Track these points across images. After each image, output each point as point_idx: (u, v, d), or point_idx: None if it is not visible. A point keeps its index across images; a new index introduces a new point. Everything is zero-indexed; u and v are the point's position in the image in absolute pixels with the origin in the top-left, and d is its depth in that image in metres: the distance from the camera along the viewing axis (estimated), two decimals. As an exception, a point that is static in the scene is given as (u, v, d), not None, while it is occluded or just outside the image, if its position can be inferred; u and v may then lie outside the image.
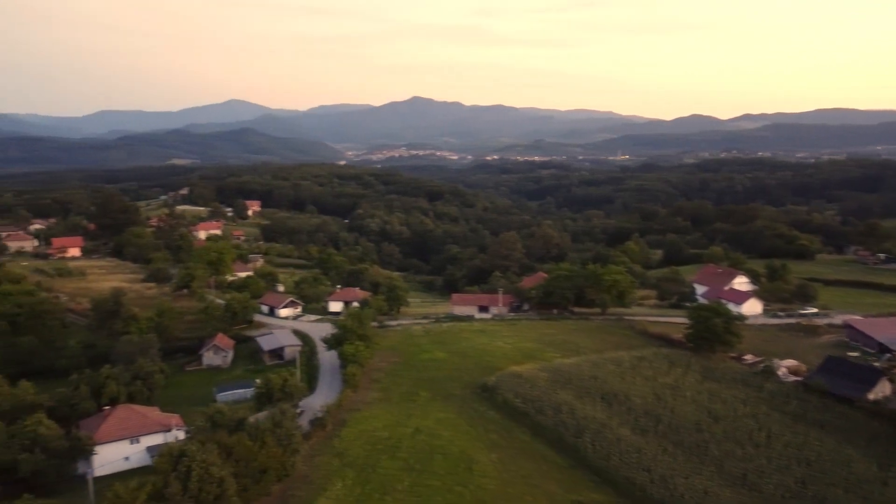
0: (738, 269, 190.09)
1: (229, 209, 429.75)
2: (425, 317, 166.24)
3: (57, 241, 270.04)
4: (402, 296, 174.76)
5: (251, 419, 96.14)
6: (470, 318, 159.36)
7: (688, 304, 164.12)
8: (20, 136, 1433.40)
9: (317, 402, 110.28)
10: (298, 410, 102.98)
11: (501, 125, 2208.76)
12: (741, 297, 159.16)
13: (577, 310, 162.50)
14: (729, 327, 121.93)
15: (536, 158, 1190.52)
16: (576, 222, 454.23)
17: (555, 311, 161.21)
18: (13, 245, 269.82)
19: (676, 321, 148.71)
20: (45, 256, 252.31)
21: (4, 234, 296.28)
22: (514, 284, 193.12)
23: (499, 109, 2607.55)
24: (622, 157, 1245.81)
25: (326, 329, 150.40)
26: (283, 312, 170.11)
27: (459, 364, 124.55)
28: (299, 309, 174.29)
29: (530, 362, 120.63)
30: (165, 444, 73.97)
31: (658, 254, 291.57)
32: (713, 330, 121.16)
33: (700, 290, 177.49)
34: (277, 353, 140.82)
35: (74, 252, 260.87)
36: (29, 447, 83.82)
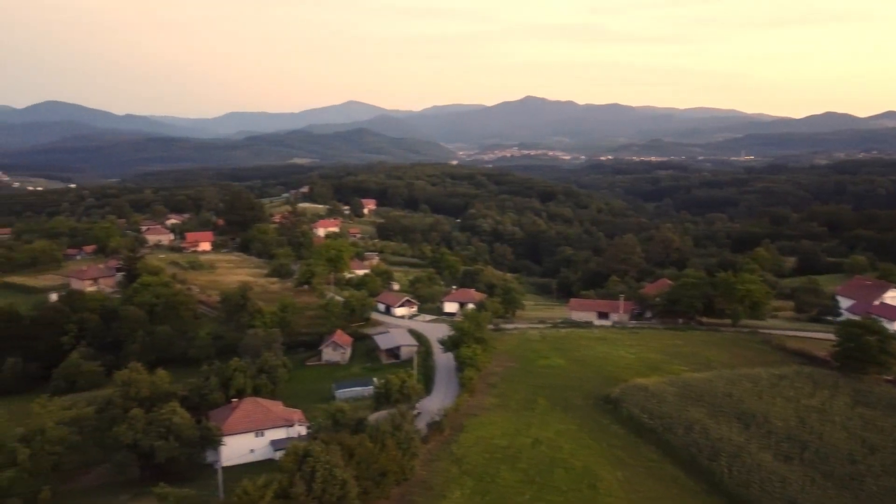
0: (890, 281, 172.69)
1: (346, 207, 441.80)
2: (541, 321, 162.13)
3: (190, 236, 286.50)
4: (517, 298, 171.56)
5: (371, 419, 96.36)
6: (589, 325, 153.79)
7: (830, 319, 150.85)
8: (159, 137, 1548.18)
9: (433, 404, 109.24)
10: (415, 412, 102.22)
11: (616, 124, 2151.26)
12: (895, 312, 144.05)
13: (704, 320, 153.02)
14: (885, 346, 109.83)
15: (653, 159, 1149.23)
16: (697, 226, 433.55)
17: (680, 321, 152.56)
18: (152, 238, 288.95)
19: (818, 336, 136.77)
20: (180, 250, 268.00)
21: (144, 227, 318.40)
22: (634, 290, 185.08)
23: (614, 108, 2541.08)
24: (746, 158, 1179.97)
25: (442, 330, 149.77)
26: (399, 311, 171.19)
27: (579, 373, 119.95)
28: (415, 308, 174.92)
29: (656, 375, 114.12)
30: (291, 444, 74.56)
31: (791, 261, 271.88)
32: (866, 349, 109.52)
33: (845, 303, 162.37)
34: (394, 352, 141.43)
35: (205, 246, 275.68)
36: (164, 435, 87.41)
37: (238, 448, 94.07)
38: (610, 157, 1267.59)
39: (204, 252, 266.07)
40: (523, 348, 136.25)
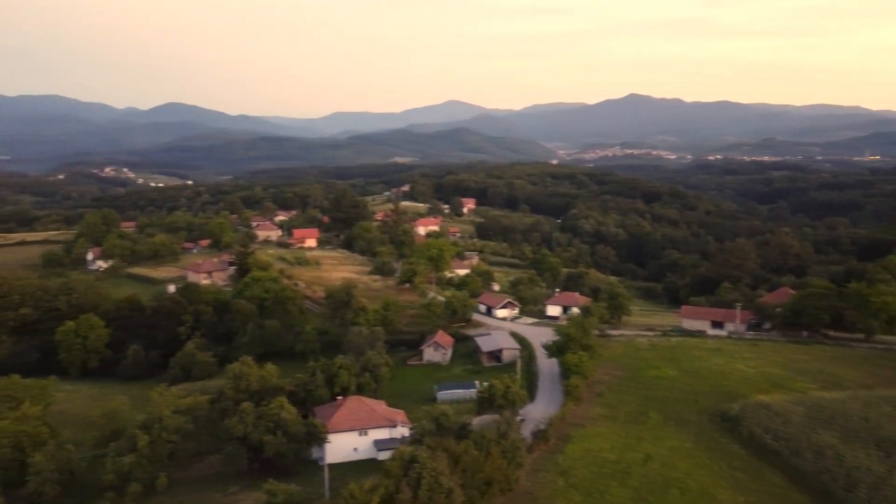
0: None
1: (446, 206, 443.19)
2: (649, 328, 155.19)
3: (297, 232, 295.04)
4: (624, 304, 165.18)
5: (474, 422, 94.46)
6: (701, 334, 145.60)
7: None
8: (269, 137, 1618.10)
9: (537, 411, 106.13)
10: (519, 419, 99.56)
11: (726, 122, 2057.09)
12: None
13: (832, 334, 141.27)
14: None
15: (766, 158, 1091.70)
16: (816, 230, 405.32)
17: (805, 334, 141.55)
18: (261, 234, 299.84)
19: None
20: (287, 246, 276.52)
21: (254, 223, 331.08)
22: (750, 298, 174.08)
23: (723, 106, 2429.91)
24: (871, 158, 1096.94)
25: (544, 333, 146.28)
26: (501, 313, 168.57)
27: (693, 385, 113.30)
28: (516, 310, 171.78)
29: (779, 392, 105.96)
30: (398, 449, 73.68)
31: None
32: None
33: None
34: (495, 354, 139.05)
35: (311, 243, 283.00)
36: (272, 429, 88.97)
37: (342, 446, 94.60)
38: (719, 156, 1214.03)
39: (310, 248, 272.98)
40: (631, 357, 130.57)
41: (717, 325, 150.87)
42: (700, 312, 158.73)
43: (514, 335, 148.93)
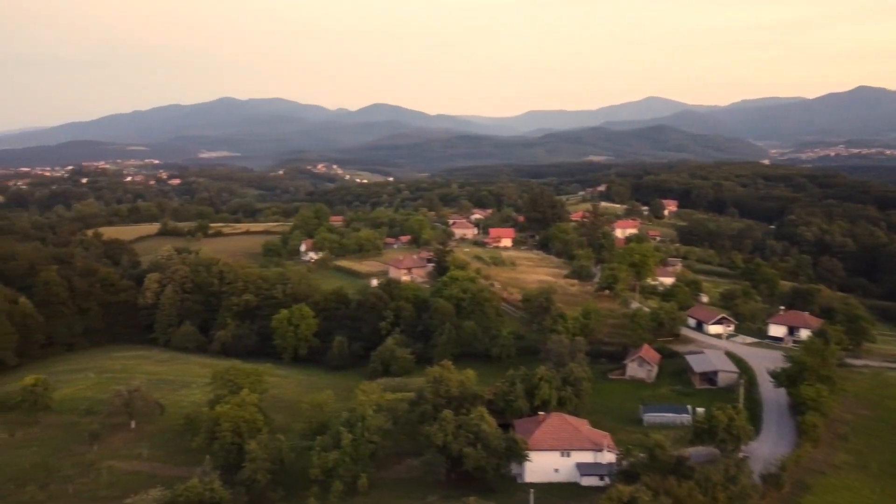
0: None
1: (645, 207, 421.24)
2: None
3: (493, 231, 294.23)
4: (866, 328, 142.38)
5: (688, 453, 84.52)
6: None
7: None
8: (465, 135, 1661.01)
9: (763, 450, 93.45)
10: (741, 455, 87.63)
11: None
12: None
13: None
14: None
15: None
16: None
17: None
18: (458, 232, 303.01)
19: None
20: (482, 245, 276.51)
21: (451, 221, 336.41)
22: None
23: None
24: None
25: (767, 357, 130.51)
26: (714, 329, 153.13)
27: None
28: (731, 328, 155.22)
29: None
30: (614, 488, 66.51)
31: None
32: None
33: None
34: (709, 377, 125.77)
35: (506, 242, 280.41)
36: (472, 441, 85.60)
37: (542, 466, 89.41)
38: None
39: (505, 248, 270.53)
40: (880, 393, 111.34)
41: None
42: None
43: (731, 356, 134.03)
